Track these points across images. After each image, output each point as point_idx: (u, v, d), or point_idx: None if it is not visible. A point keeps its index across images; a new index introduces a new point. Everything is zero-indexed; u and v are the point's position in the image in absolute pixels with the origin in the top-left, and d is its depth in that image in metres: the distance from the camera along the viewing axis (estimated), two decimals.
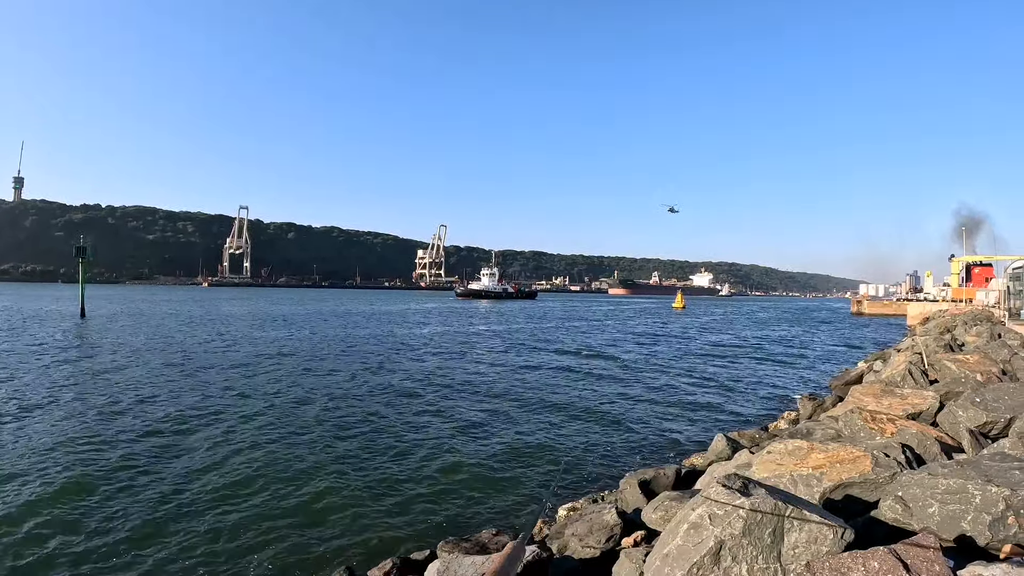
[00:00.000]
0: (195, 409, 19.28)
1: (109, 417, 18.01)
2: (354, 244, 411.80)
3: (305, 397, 21.64)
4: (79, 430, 16.44)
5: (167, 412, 18.74)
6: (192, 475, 13.10)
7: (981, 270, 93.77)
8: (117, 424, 17.25)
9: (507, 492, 12.57)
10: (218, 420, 18.02)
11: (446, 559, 6.79)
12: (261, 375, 26.62)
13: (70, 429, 16.55)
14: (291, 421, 18.06)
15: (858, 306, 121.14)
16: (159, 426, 17.10)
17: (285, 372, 27.63)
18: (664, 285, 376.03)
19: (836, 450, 6.85)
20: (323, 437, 16.34)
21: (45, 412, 18.51)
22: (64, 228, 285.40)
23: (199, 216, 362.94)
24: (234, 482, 12.73)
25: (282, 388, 23.38)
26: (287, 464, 13.91)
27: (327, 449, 15.21)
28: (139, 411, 18.88)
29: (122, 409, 19.09)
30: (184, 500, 11.66)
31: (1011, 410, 8.46)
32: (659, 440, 17.15)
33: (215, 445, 15.39)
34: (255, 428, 17.11)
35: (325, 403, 20.65)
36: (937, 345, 21.82)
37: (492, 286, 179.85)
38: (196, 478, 12.92)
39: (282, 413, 19.04)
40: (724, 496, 4.75)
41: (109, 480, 12.64)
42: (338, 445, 15.60)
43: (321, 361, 31.93)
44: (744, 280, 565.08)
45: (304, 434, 16.63)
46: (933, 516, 4.99)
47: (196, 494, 11.99)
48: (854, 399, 11.27)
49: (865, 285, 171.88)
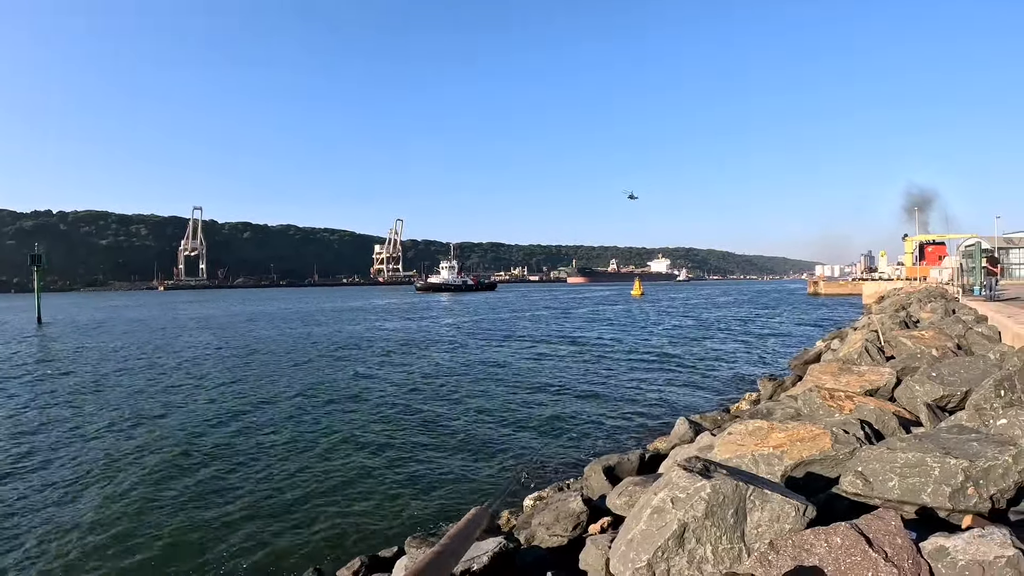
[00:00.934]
0: (155, 414, 18.92)
1: (69, 425, 17.62)
2: (311, 242, 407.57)
3: (268, 397, 21.37)
4: (39, 439, 16.05)
5: (124, 420, 18.36)
6: (156, 477, 12.86)
7: (934, 248, 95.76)
8: (76, 431, 16.88)
9: (473, 485, 12.51)
10: (181, 422, 17.72)
11: (414, 555, 6.73)
12: (225, 375, 26.19)
13: (25, 439, 16.15)
14: (253, 422, 17.80)
15: (815, 287, 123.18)
16: (119, 432, 16.74)
17: (252, 372, 27.23)
18: (622, 272, 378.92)
19: (796, 428, 6.87)
20: (286, 437, 16.13)
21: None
22: (15, 236, 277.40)
23: (152, 219, 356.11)
24: (199, 483, 12.54)
25: (246, 388, 23.05)
26: (252, 465, 13.72)
27: (291, 449, 15.01)
28: (93, 419, 18.47)
29: (76, 416, 18.67)
30: (150, 502, 11.45)
31: (967, 383, 8.60)
32: (623, 425, 17.21)
33: (181, 446, 15.17)
34: (219, 430, 16.86)
35: (287, 403, 20.40)
36: (893, 322, 22.19)
37: (452, 279, 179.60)
38: (160, 480, 12.69)
39: (244, 414, 18.76)
40: (686, 479, 4.72)
41: (75, 477, 12.35)
42: (302, 445, 15.40)
43: (283, 360, 31.53)
44: (702, 265, 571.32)
45: (268, 434, 16.40)
46: (893, 490, 5.01)
47: (160, 495, 11.79)
48: (812, 378, 11.39)
49: (821, 266, 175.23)
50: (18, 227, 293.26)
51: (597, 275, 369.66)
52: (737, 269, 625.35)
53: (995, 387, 7.08)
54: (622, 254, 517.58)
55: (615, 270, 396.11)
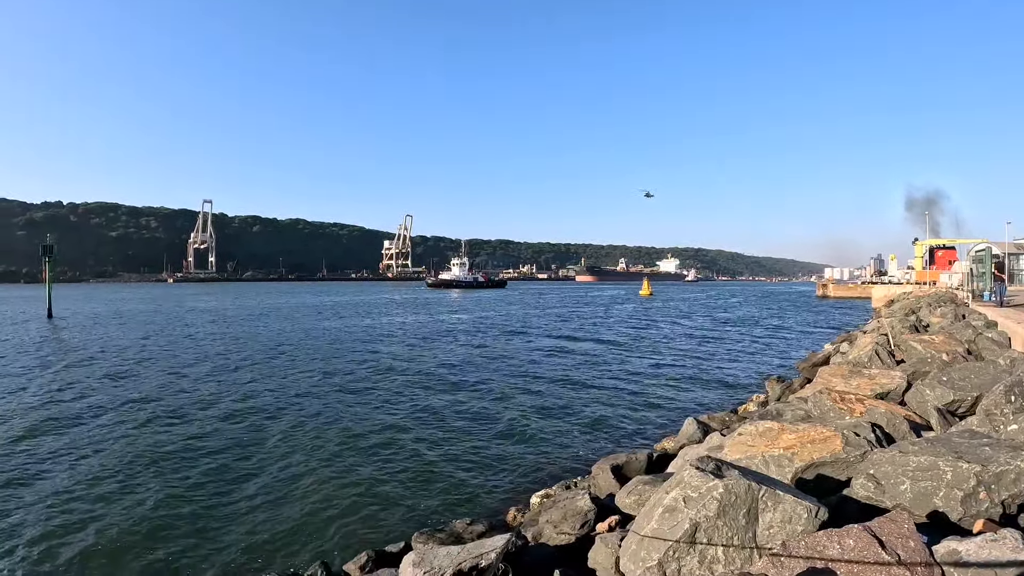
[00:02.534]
0: (164, 408, 19.00)
1: (76, 413, 17.74)
2: (320, 236, 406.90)
3: (276, 389, 21.41)
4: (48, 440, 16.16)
5: (130, 413, 18.47)
6: (166, 466, 12.92)
7: (944, 253, 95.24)
8: (77, 427, 16.99)
9: (480, 481, 12.52)
10: (195, 413, 17.80)
11: (421, 550, 6.72)
12: (235, 370, 26.29)
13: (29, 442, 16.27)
14: (264, 414, 17.85)
15: (823, 289, 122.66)
16: (127, 427, 16.83)
17: (257, 367, 27.29)
18: (631, 271, 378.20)
19: (806, 430, 6.88)
20: (295, 430, 16.15)
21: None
22: (26, 227, 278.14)
23: (162, 211, 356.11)
24: (205, 475, 12.57)
25: (253, 382, 23.10)
26: (259, 459, 13.75)
27: (299, 443, 15.03)
28: (96, 413, 18.59)
29: (77, 413, 18.79)
30: (157, 491, 11.49)
31: (977, 388, 8.58)
32: (630, 425, 17.20)
33: (192, 437, 15.24)
34: (226, 423, 16.88)
35: (298, 396, 20.43)
36: (903, 326, 22.13)
37: (463, 276, 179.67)
38: (168, 470, 12.74)
39: (254, 407, 18.81)
40: (698, 478, 4.74)
41: (82, 478, 12.43)
42: (309, 438, 15.40)
43: (293, 354, 31.59)
44: (711, 265, 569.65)
45: (276, 427, 16.42)
46: (905, 493, 5.02)
47: (168, 485, 11.83)
48: (823, 380, 11.38)
49: (830, 269, 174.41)
50: (28, 217, 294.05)
51: (606, 274, 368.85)
52: (746, 270, 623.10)
53: (1006, 393, 7.06)
54: (631, 253, 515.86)
55: (624, 269, 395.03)
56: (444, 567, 5.91)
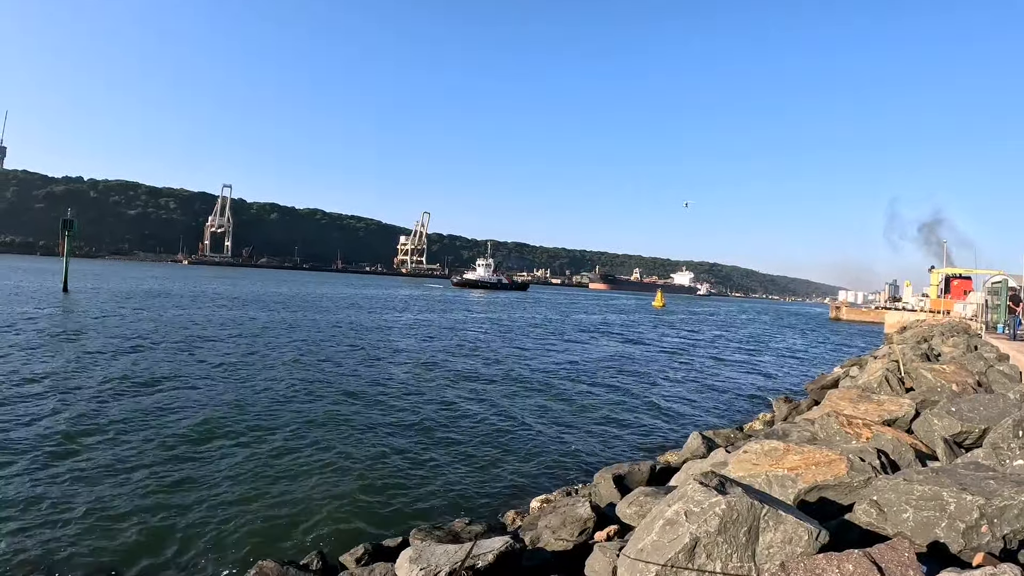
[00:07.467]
0: (168, 394, 19.14)
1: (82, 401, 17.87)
2: (337, 227, 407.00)
3: (285, 382, 21.50)
4: (59, 416, 16.29)
5: (135, 397, 18.62)
6: (168, 456, 12.99)
7: (960, 283, 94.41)
8: (84, 414, 17.11)
9: (481, 482, 12.56)
10: (193, 403, 17.90)
11: (418, 546, 6.74)
12: (248, 362, 26.42)
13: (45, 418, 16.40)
14: (267, 406, 17.93)
15: (836, 312, 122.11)
16: (131, 411, 16.96)
17: (274, 357, 27.40)
18: (644, 282, 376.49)
19: (812, 452, 6.87)
20: (297, 423, 16.21)
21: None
22: (45, 200, 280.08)
23: (182, 193, 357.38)
24: (205, 465, 12.60)
25: (266, 371, 23.24)
26: (261, 450, 13.79)
27: (300, 435, 15.08)
28: (106, 398, 18.73)
29: (90, 396, 18.92)
30: (160, 478, 11.57)
31: (985, 421, 8.53)
32: (634, 436, 17.21)
33: (199, 425, 15.29)
34: (230, 413, 16.91)
35: (305, 389, 20.51)
36: (914, 354, 21.99)
37: (487, 277, 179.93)
38: (172, 459, 12.81)
39: (260, 397, 18.90)
40: (701, 493, 4.75)
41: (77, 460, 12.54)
42: (311, 431, 15.47)
43: (311, 347, 31.69)
44: (724, 281, 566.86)
45: (279, 420, 16.47)
46: (907, 521, 5.01)
47: (171, 473, 11.91)
48: (830, 403, 11.33)
49: (844, 292, 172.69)
50: (48, 191, 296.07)
51: (619, 283, 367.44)
52: (760, 288, 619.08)
53: (1014, 427, 7.02)
54: (646, 263, 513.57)
55: (638, 279, 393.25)
56: (441, 565, 5.93)
